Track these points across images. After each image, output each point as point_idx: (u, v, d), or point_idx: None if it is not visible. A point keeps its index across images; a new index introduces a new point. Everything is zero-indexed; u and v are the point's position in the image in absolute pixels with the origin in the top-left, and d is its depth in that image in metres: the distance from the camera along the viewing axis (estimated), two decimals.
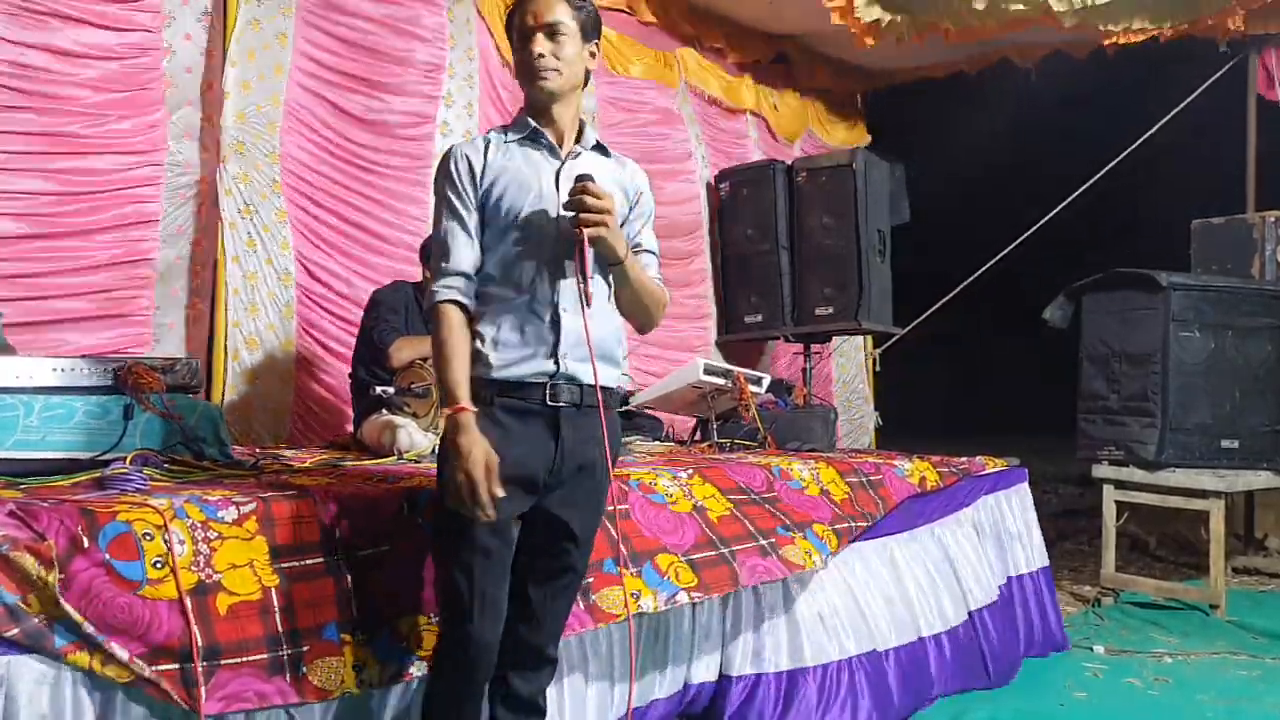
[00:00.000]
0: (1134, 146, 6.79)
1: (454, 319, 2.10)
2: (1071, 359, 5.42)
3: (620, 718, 2.81)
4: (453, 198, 2.15)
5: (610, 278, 2.19)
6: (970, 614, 3.89)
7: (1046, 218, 6.96)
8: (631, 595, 2.64)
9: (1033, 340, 7.30)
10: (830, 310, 5.79)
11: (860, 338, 7.13)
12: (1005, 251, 7.08)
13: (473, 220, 2.15)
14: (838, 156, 5.97)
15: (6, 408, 2.36)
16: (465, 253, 2.13)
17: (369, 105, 4.66)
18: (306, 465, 2.95)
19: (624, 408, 4.44)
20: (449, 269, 2.12)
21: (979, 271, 7.12)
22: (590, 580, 2.60)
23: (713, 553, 2.90)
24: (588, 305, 2.09)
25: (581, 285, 2.07)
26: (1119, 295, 5.22)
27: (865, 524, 3.44)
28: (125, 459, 2.45)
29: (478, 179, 2.15)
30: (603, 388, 2.15)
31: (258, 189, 4.28)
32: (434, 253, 2.16)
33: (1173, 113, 6.68)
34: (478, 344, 2.12)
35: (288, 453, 3.49)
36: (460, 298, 2.11)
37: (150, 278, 3.96)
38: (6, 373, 2.40)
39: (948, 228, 7.57)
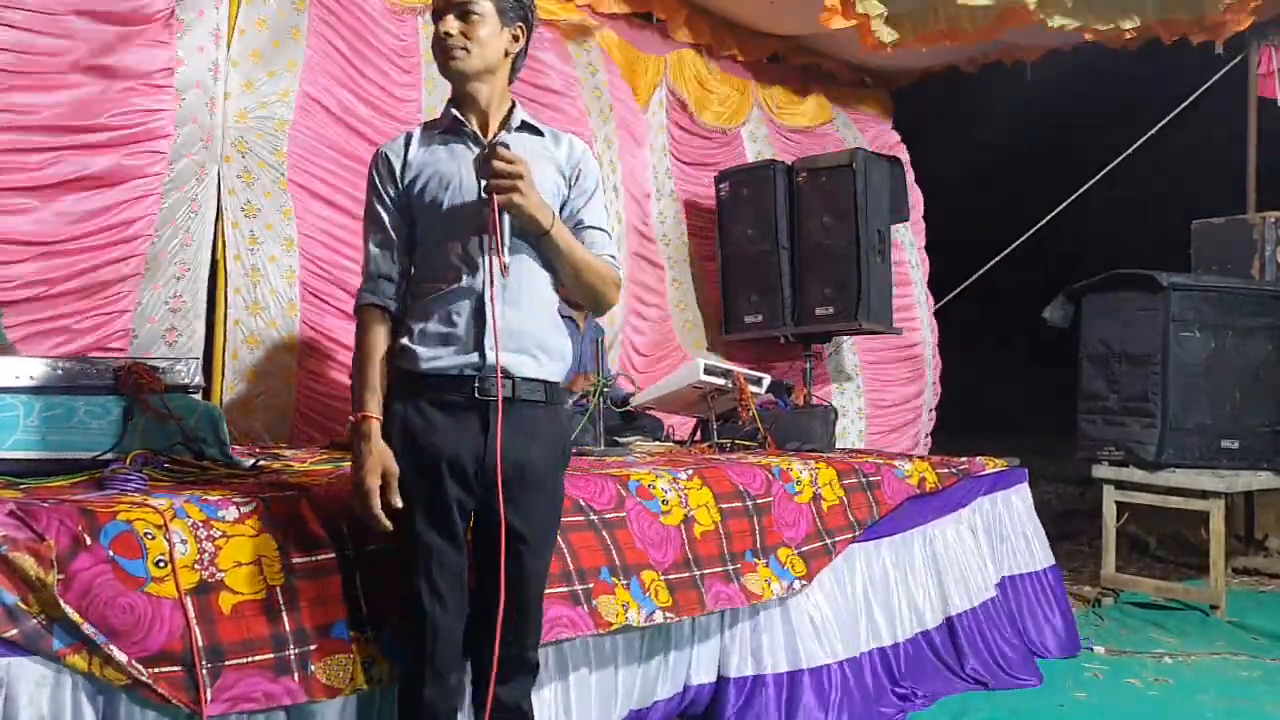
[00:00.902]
0: (1135, 146, 6.79)
1: (372, 324, 2.14)
2: (1072, 359, 5.42)
3: (623, 718, 2.82)
4: (374, 200, 2.19)
5: (546, 260, 2.15)
6: (961, 614, 3.90)
7: (1047, 219, 6.96)
8: (621, 606, 2.65)
9: (1034, 340, 7.31)
10: (830, 310, 5.78)
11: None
12: (1005, 251, 7.08)
13: (393, 221, 2.17)
14: (838, 156, 5.96)
15: (6, 407, 2.36)
16: (384, 256, 2.17)
17: (378, 101, 4.65)
18: (307, 465, 2.94)
19: (624, 408, 4.44)
20: (370, 273, 2.17)
21: (979, 272, 7.13)
22: (590, 585, 2.61)
23: (686, 574, 2.91)
24: (503, 275, 2.07)
25: (497, 255, 2.06)
26: (1119, 295, 5.22)
27: (850, 536, 3.43)
28: (125, 459, 2.45)
29: (398, 178, 2.16)
30: (540, 381, 2.13)
31: (261, 187, 4.26)
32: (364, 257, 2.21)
33: (1174, 113, 6.68)
34: (405, 339, 2.12)
35: (288, 452, 3.49)
36: (379, 301, 2.14)
37: (138, 275, 3.93)
38: (6, 372, 2.39)
39: (947, 227, 7.57)
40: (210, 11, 4.08)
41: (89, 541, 1.88)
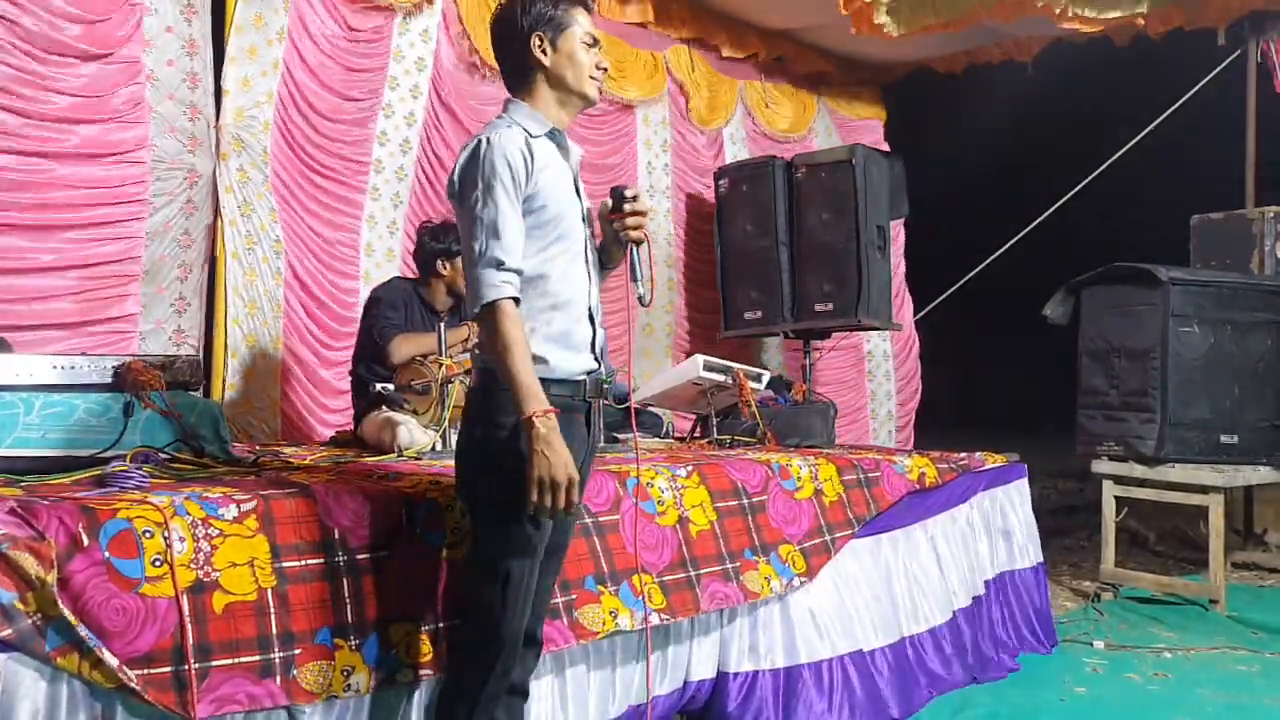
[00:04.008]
0: (1135, 141, 6.79)
1: (515, 316, 2.05)
2: (1072, 354, 5.42)
3: (621, 714, 2.82)
4: (512, 191, 2.08)
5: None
6: (957, 612, 3.91)
7: (1046, 214, 6.97)
8: (609, 613, 2.66)
9: (1033, 335, 7.31)
10: (830, 306, 5.78)
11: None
12: (1005, 248, 7.08)
13: (518, 220, 2.11)
14: (837, 152, 5.97)
15: (6, 405, 2.36)
16: (521, 249, 2.09)
17: (352, 105, 4.65)
18: (307, 462, 2.94)
19: (624, 404, 4.44)
20: (511, 264, 2.06)
21: (978, 268, 7.13)
22: (573, 596, 2.61)
23: (682, 575, 2.92)
24: (644, 306, 2.23)
25: (633, 287, 2.19)
26: (1118, 290, 5.21)
27: (849, 532, 3.44)
28: (125, 456, 2.46)
29: (529, 178, 2.12)
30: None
31: (254, 188, 4.28)
32: (485, 243, 2.06)
33: (1173, 107, 6.68)
34: (536, 345, 2.13)
35: (288, 450, 3.49)
36: (518, 294, 2.08)
37: (135, 276, 3.94)
38: (6, 370, 2.40)
39: (947, 223, 7.58)
40: (180, 25, 4.06)
41: (86, 542, 1.89)
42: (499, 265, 2.05)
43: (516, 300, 2.07)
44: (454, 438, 2.73)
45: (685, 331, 6.30)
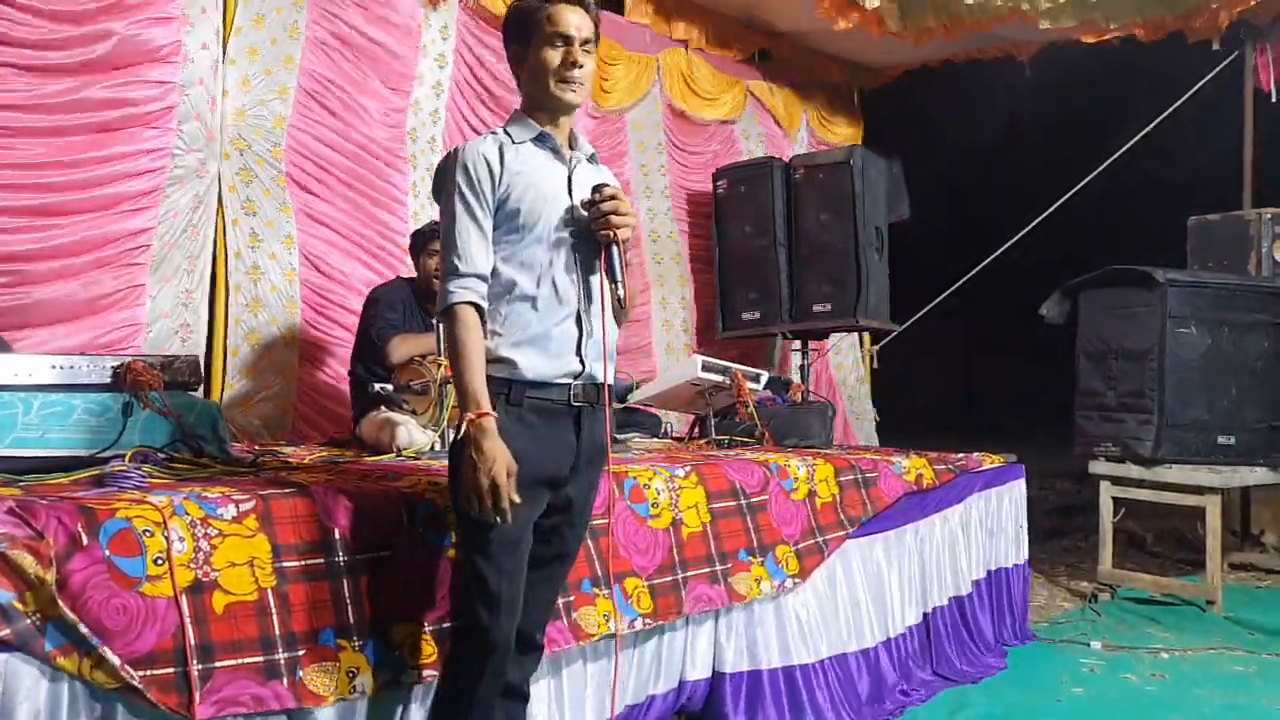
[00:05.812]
0: (1132, 142, 6.79)
1: (472, 321, 2.10)
2: (1070, 355, 5.43)
3: (615, 716, 2.82)
4: (470, 198, 2.14)
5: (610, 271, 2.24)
6: (950, 610, 3.93)
7: (1044, 215, 6.97)
8: (603, 616, 2.67)
9: (1031, 337, 7.33)
10: (828, 307, 5.79)
11: (857, 335, 7.13)
12: (1003, 249, 7.09)
13: (488, 223, 2.15)
14: (835, 154, 5.97)
15: (5, 405, 2.36)
16: (482, 255, 2.13)
17: (375, 101, 4.65)
18: (306, 462, 2.94)
19: (623, 404, 4.44)
20: (466, 270, 2.11)
21: (977, 268, 7.13)
22: (572, 599, 2.62)
23: (669, 578, 2.92)
24: (622, 307, 2.20)
25: (611, 288, 2.16)
26: (1116, 292, 5.23)
27: (842, 533, 3.45)
28: (124, 456, 2.46)
29: (496, 182, 2.15)
30: (604, 384, 2.23)
31: (261, 185, 4.27)
32: (445, 252, 2.15)
33: (1171, 108, 6.69)
34: (505, 348, 2.13)
35: (287, 449, 3.50)
36: (479, 300, 2.12)
37: (144, 266, 3.94)
38: (5, 370, 2.40)
39: (945, 224, 7.58)
40: (212, 10, 4.09)
41: (85, 541, 1.89)
42: (455, 272, 2.11)
43: (477, 305, 2.11)
44: (452, 438, 2.73)
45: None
